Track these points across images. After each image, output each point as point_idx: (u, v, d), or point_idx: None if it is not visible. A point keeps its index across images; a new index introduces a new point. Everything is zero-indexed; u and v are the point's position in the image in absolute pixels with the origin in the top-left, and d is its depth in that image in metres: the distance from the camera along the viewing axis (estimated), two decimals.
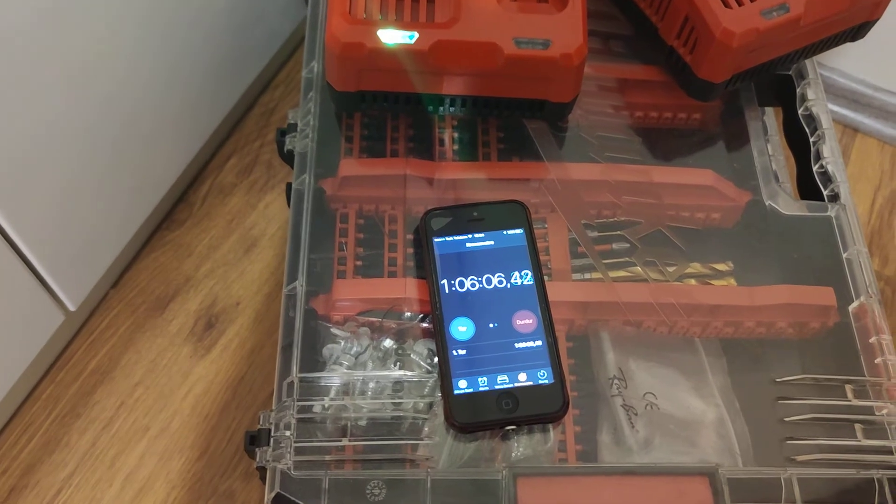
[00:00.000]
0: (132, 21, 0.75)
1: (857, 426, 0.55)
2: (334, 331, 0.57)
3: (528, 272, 0.58)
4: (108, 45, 0.73)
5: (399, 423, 0.53)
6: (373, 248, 0.61)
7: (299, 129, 0.66)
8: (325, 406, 0.54)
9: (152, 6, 0.77)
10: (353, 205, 0.63)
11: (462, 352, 0.55)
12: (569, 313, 0.58)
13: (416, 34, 0.59)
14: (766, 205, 0.65)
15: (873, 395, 0.56)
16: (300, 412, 0.53)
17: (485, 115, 0.67)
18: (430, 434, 0.53)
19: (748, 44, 0.61)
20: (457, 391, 0.53)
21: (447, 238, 0.59)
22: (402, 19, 0.60)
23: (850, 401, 0.55)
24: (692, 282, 0.61)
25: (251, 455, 0.53)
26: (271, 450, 0.52)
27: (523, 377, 0.54)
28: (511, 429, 0.53)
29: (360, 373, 0.55)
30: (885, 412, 0.55)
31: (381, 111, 0.67)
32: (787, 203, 0.65)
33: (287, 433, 0.52)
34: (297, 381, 0.54)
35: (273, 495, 0.50)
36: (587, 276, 0.60)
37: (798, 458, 0.53)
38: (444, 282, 0.57)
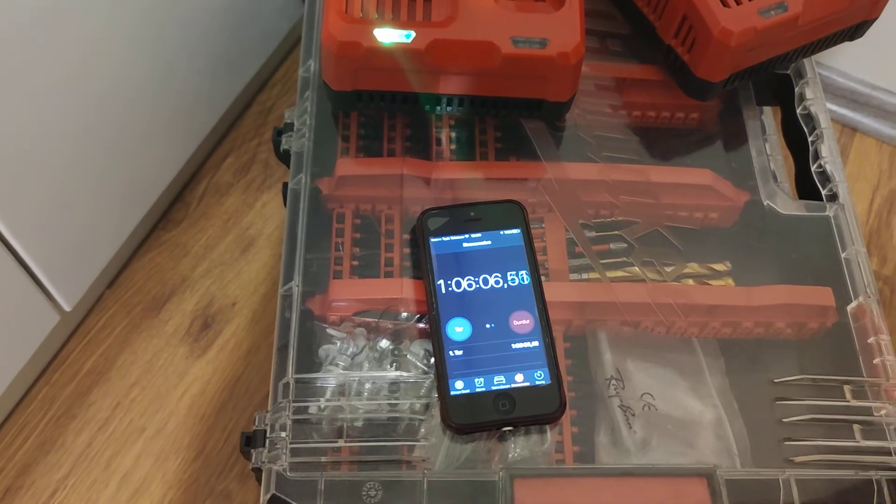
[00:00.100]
0: (128, 19, 0.75)
1: (856, 427, 0.54)
2: (330, 331, 0.57)
3: (525, 272, 0.57)
4: (103, 44, 0.73)
5: (395, 425, 0.53)
6: (369, 248, 0.61)
7: (296, 129, 0.66)
8: (321, 407, 0.54)
9: (148, 4, 0.76)
10: (349, 204, 0.63)
11: (458, 352, 0.54)
12: (566, 313, 0.58)
13: (412, 33, 0.58)
14: (765, 204, 0.65)
15: (872, 395, 0.56)
16: (296, 413, 0.53)
17: (482, 114, 0.67)
18: (427, 435, 0.53)
19: (746, 43, 0.61)
20: (453, 392, 0.53)
21: (444, 238, 0.59)
22: (399, 18, 0.60)
23: (848, 401, 0.55)
24: (690, 282, 0.60)
25: (247, 456, 0.53)
26: (267, 451, 0.52)
27: (520, 378, 0.53)
28: (508, 430, 0.53)
29: (357, 373, 0.55)
30: (883, 413, 0.55)
31: (377, 110, 0.67)
32: (785, 203, 0.65)
33: (283, 434, 0.52)
34: (293, 381, 0.54)
35: (269, 497, 0.50)
36: (584, 277, 0.60)
37: (796, 459, 0.53)
38: (441, 282, 0.57)
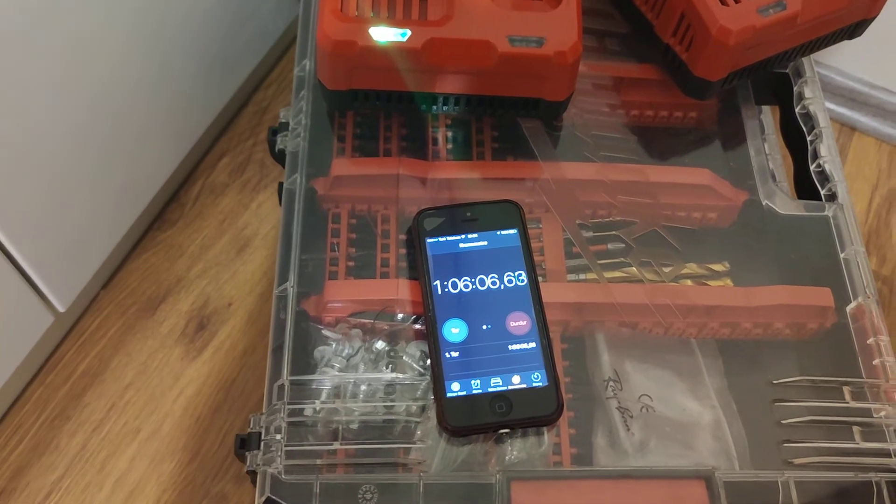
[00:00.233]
0: (122, 19, 0.74)
1: (855, 428, 0.54)
2: (326, 332, 0.56)
3: (521, 273, 0.57)
4: (97, 43, 0.72)
5: (391, 427, 0.53)
6: (365, 248, 0.60)
7: (291, 129, 0.65)
8: (317, 409, 0.53)
9: (142, 3, 0.76)
10: (345, 205, 0.62)
11: (455, 354, 0.54)
12: (563, 314, 0.58)
13: (408, 32, 0.58)
14: (763, 204, 0.64)
15: (871, 396, 0.55)
16: (291, 415, 0.53)
17: (479, 113, 0.66)
18: (423, 437, 0.52)
19: (745, 41, 0.61)
20: (450, 394, 0.53)
21: (440, 238, 0.59)
22: (395, 17, 0.59)
23: (847, 403, 0.55)
24: (688, 282, 0.60)
25: (241, 459, 0.53)
26: (262, 454, 0.52)
27: (517, 380, 0.53)
28: (505, 432, 0.52)
29: (352, 375, 0.55)
30: (883, 414, 0.54)
31: (373, 110, 0.66)
32: (784, 202, 0.64)
33: (278, 437, 0.52)
34: (288, 383, 0.54)
35: (264, 500, 0.50)
36: (582, 277, 0.60)
37: (795, 460, 0.53)
38: (437, 283, 0.57)
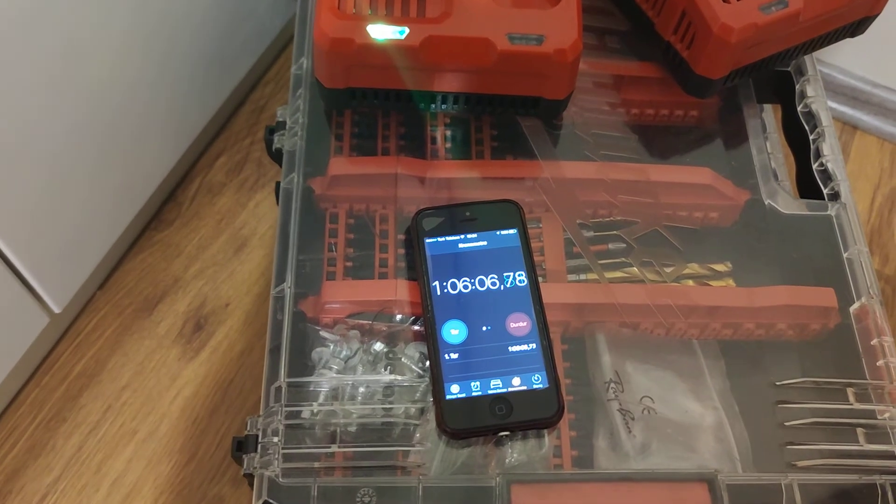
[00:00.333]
0: (118, 17, 0.74)
1: (859, 430, 0.54)
2: (323, 334, 0.56)
3: (521, 273, 0.56)
4: (93, 42, 0.72)
5: (390, 429, 0.52)
6: (363, 248, 0.60)
7: (288, 127, 0.65)
8: (314, 411, 0.53)
9: (140, 2, 0.75)
10: (343, 204, 0.62)
11: (454, 355, 0.54)
12: (564, 315, 0.57)
13: (406, 29, 0.58)
14: (766, 204, 0.64)
15: (875, 398, 0.55)
16: (288, 418, 0.52)
17: (478, 112, 0.66)
18: (422, 440, 0.52)
19: (746, 39, 0.60)
20: (449, 396, 0.52)
21: (439, 238, 0.58)
22: (393, 14, 0.59)
23: (851, 404, 0.55)
24: (690, 283, 0.60)
25: (238, 461, 0.53)
26: (259, 456, 0.51)
27: (517, 381, 0.53)
28: (505, 434, 0.52)
29: (350, 377, 0.54)
30: (887, 416, 0.54)
31: (371, 108, 0.66)
32: (786, 202, 0.64)
33: (275, 439, 0.51)
34: (285, 385, 0.53)
35: (261, 503, 0.49)
36: (582, 277, 0.59)
37: (799, 463, 0.52)
38: (436, 283, 0.56)
